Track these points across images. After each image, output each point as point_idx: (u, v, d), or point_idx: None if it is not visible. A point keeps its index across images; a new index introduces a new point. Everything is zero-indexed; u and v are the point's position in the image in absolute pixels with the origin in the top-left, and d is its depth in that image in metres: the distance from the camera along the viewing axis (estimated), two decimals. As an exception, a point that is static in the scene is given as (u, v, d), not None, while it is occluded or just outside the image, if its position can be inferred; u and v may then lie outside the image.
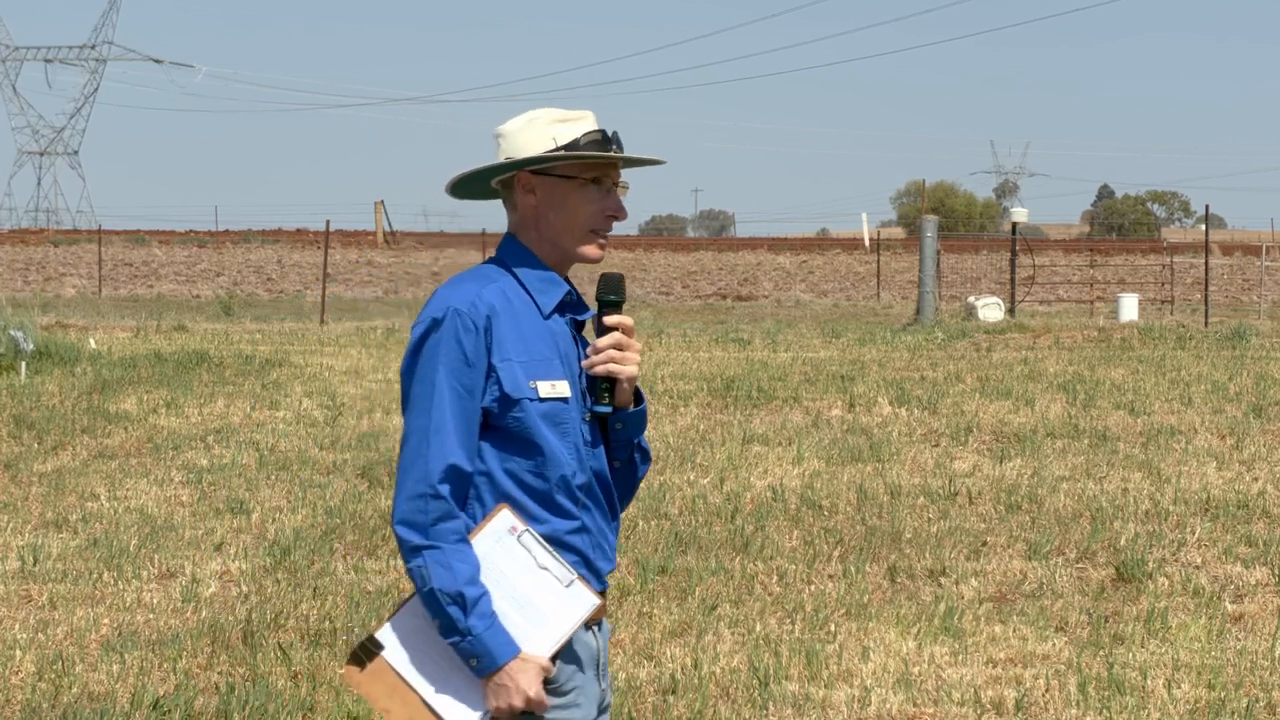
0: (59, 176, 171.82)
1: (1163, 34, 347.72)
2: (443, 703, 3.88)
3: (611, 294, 4.01)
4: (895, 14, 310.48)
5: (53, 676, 8.20)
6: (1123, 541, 11.53)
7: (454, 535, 3.83)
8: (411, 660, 3.90)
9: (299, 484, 13.83)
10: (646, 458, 4.15)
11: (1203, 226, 54.51)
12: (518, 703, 3.82)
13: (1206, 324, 34.66)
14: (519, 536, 3.88)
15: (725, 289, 60.63)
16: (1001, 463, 15.03)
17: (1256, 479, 14.10)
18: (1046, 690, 8.18)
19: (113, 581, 10.32)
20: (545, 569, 3.89)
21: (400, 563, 10.80)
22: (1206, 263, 40.39)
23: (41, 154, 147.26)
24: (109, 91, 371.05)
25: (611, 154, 3.99)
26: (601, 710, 4.05)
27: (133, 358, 23.84)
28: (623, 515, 4.23)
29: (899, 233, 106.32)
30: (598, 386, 3.97)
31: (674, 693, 8.09)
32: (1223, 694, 8.12)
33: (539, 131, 3.98)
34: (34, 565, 10.71)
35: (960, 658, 8.79)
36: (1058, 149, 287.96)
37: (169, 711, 7.63)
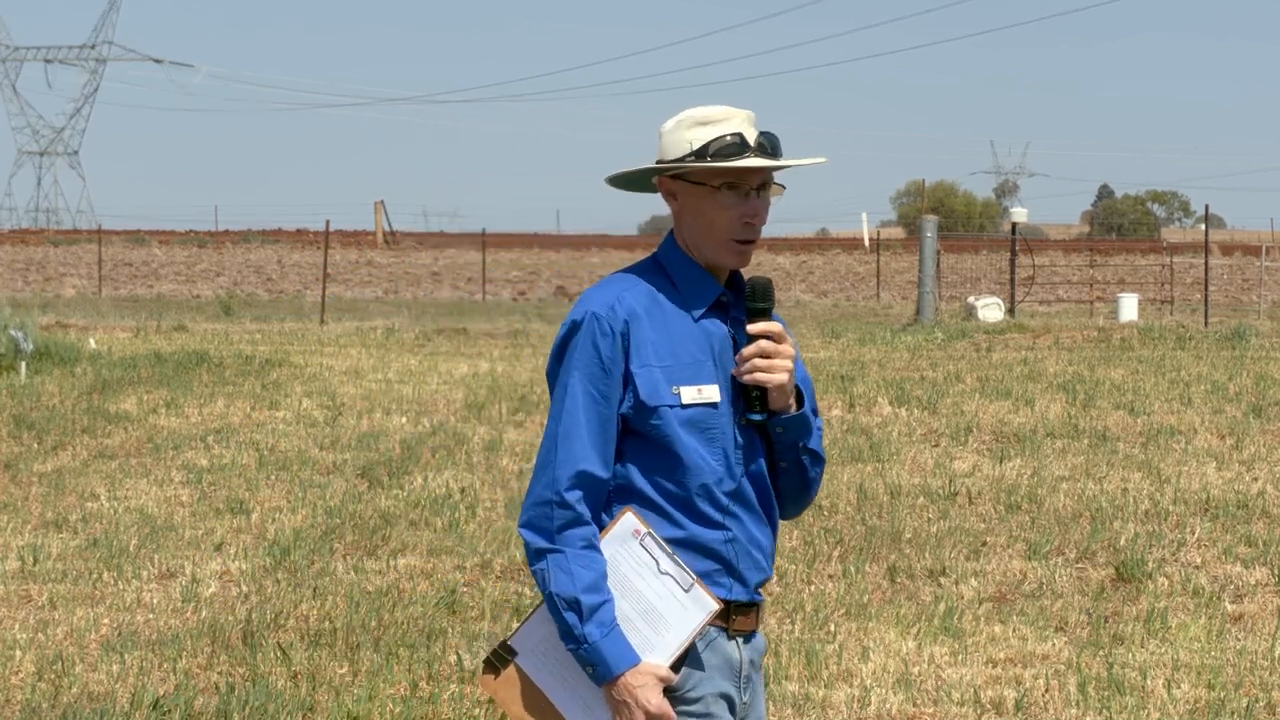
0: (59, 176, 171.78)
1: (1163, 34, 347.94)
2: (574, 711, 3.82)
3: (759, 301, 3.92)
4: (895, 14, 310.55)
5: (53, 676, 8.20)
6: (1122, 541, 11.52)
7: (580, 541, 3.77)
8: (543, 667, 3.84)
9: (299, 484, 13.83)
10: (817, 460, 3.99)
11: (1203, 226, 54.50)
12: (640, 719, 3.76)
13: (1206, 324, 34.64)
14: (642, 540, 3.82)
15: (725, 289, 60.57)
16: (1001, 463, 15.03)
17: (1256, 479, 14.09)
18: (1046, 690, 8.18)
19: (113, 581, 10.32)
20: (667, 574, 3.82)
21: (400, 562, 10.85)
22: (1206, 263, 40.38)
23: (41, 154, 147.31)
24: (109, 91, 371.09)
25: (718, 164, 3.86)
26: None
27: (133, 358, 23.83)
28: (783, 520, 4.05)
29: (899, 233, 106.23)
30: (749, 395, 3.89)
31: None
32: (1222, 694, 8.12)
33: (679, 135, 3.88)
34: (34, 565, 10.71)
35: (960, 658, 8.79)
36: (1058, 149, 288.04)
37: (169, 711, 7.63)
